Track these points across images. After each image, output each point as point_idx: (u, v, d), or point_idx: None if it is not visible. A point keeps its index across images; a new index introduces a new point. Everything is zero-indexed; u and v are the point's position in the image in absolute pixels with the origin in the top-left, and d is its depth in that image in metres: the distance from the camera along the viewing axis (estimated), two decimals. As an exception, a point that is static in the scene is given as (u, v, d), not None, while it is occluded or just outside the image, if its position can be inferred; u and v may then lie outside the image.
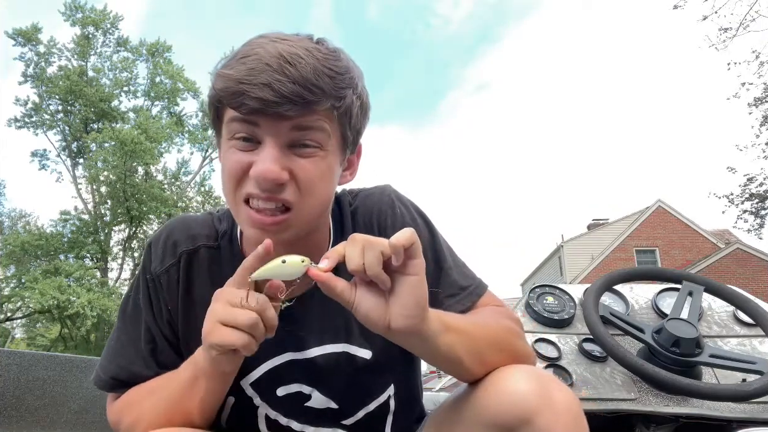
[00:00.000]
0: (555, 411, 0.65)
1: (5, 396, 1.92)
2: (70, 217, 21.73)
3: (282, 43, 0.69)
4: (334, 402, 0.85)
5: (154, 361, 0.82)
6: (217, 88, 0.69)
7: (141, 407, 0.78)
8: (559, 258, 23.10)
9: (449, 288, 0.84)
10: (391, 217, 0.87)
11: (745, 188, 14.75)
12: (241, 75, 0.66)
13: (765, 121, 14.08)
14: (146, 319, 0.83)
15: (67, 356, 2.31)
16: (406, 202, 0.91)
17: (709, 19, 12.22)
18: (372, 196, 0.90)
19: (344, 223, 0.87)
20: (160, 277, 0.83)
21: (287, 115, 0.67)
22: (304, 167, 0.71)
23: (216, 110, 0.74)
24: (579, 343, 1.24)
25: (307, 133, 0.70)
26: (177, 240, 0.85)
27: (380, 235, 0.83)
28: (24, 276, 19.57)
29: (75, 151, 22.54)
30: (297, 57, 0.67)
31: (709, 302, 1.36)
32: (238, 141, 0.71)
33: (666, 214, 20.41)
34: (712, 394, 1.02)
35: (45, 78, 21.29)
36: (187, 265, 0.84)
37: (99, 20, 22.05)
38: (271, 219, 0.71)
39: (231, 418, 0.86)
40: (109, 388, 0.84)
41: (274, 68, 0.66)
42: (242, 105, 0.67)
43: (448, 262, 0.86)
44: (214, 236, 0.86)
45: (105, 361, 0.84)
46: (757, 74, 14.53)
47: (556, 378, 0.72)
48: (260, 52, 0.68)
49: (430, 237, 0.87)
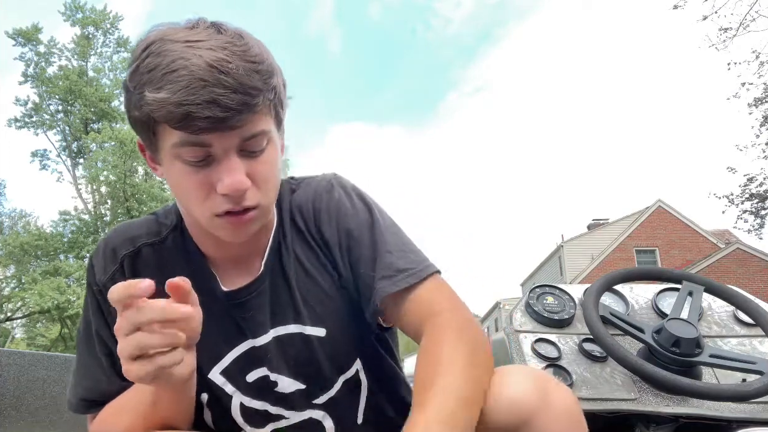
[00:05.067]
0: (553, 411, 0.65)
1: (5, 396, 1.92)
2: (70, 217, 21.72)
3: (199, 48, 0.66)
4: (300, 382, 0.85)
5: (114, 373, 0.81)
6: (153, 111, 0.65)
7: (115, 425, 0.78)
8: (559, 258, 23.09)
9: (385, 270, 0.81)
10: (326, 201, 0.87)
11: (745, 188, 14.76)
12: (179, 97, 0.63)
13: (765, 121, 14.08)
14: (100, 332, 0.82)
15: (67, 356, 2.31)
16: (347, 186, 0.91)
17: (709, 19, 12.25)
18: (312, 182, 0.91)
19: (283, 206, 0.88)
20: (107, 286, 0.80)
21: (237, 125, 0.67)
22: (259, 168, 0.72)
23: (148, 130, 0.71)
24: (579, 343, 1.24)
25: (257, 137, 0.71)
26: (115, 246, 0.85)
27: (314, 218, 0.87)
28: (24, 276, 19.57)
29: (75, 151, 22.53)
30: (226, 63, 0.65)
31: (709, 302, 1.36)
32: (189, 160, 0.69)
33: (666, 214, 20.41)
34: (712, 394, 1.02)
35: (45, 78, 21.27)
36: (131, 267, 0.84)
37: (99, 20, 22.03)
38: (246, 217, 0.72)
39: (208, 414, 0.86)
40: (82, 410, 0.84)
41: (211, 82, 0.64)
42: (190, 126, 0.65)
43: (387, 246, 0.83)
44: (156, 232, 0.86)
45: (72, 385, 0.84)
46: (757, 74, 14.53)
47: (554, 378, 0.72)
48: (185, 64, 0.64)
49: (369, 219, 0.86)
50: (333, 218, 0.86)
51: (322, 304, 0.85)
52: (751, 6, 12.03)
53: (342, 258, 0.85)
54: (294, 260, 0.86)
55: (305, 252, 0.87)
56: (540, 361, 1.18)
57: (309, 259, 0.86)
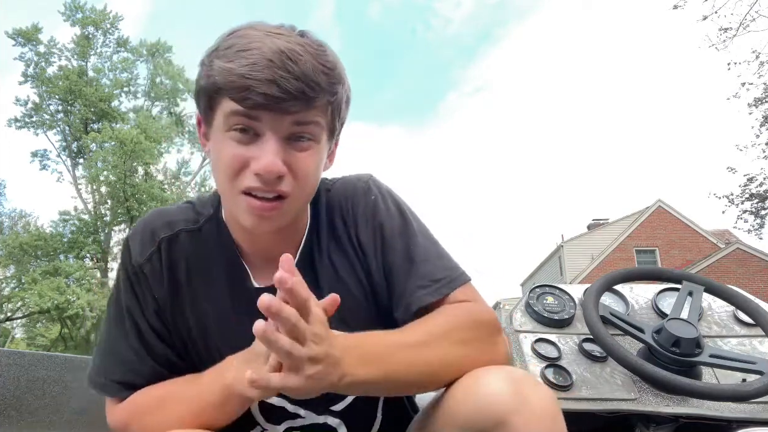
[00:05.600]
0: (531, 410, 0.64)
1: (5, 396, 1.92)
2: (69, 218, 21.73)
3: (278, 38, 0.70)
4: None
5: (146, 352, 0.82)
6: (217, 79, 0.70)
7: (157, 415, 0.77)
8: (559, 258, 23.09)
9: (420, 279, 0.82)
10: (363, 204, 0.88)
11: (745, 188, 14.76)
12: (245, 69, 0.67)
13: (765, 121, 14.08)
14: (133, 313, 0.83)
15: (67, 356, 2.31)
16: (384, 190, 0.91)
17: (709, 19, 12.25)
18: (349, 182, 0.92)
19: (319, 207, 0.89)
20: (142, 267, 0.83)
21: (290, 110, 0.69)
22: (302, 160, 0.74)
23: (209, 99, 0.74)
24: (579, 343, 1.24)
25: (305, 127, 0.73)
26: (154, 228, 0.85)
27: (352, 220, 0.87)
28: (23, 276, 19.57)
29: (75, 151, 22.54)
30: (296, 53, 0.69)
31: (709, 302, 1.36)
32: (236, 133, 0.72)
33: (666, 214, 20.41)
34: (712, 394, 1.02)
35: (45, 78, 21.29)
36: (168, 250, 0.84)
37: (99, 20, 22.06)
38: (270, 205, 0.73)
39: None
40: (112, 392, 0.83)
41: (277, 64, 0.67)
42: (246, 99, 0.68)
43: (421, 254, 0.85)
44: (194, 220, 0.87)
45: (98, 365, 0.83)
46: (757, 74, 14.50)
47: (532, 377, 0.71)
48: (260, 46, 0.69)
49: (403, 226, 0.87)
50: (369, 223, 0.87)
51: (350, 311, 0.83)
52: (751, 6, 12.04)
53: (376, 263, 0.86)
54: (327, 263, 0.86)
55: (339, 257, 0.87)
56: (540, 361, 1.18)
57: (342, 263, 0.86)
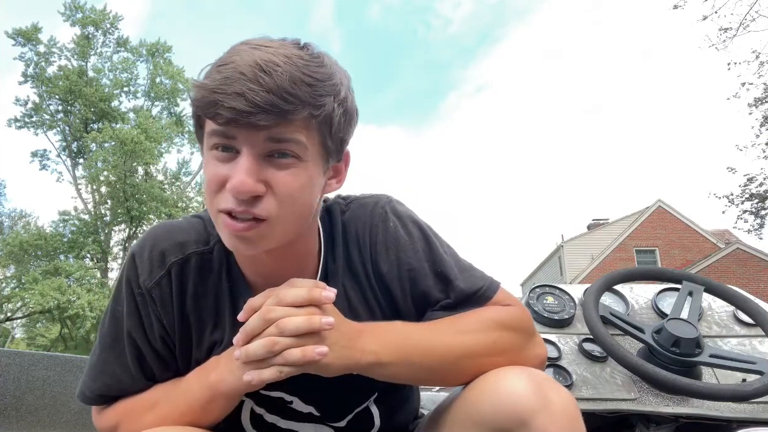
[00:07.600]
0: (551, 412, 0.65)
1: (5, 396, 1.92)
2: (70, 218, 21.72)
3: (261, 50, 0.67)
4: (316, 410, 0.85)
5: (141, 375, 0.81)
6: (193, 98, 0.68)
7: (145, 417, 0.77)
8: (559, 258, 23.09)
9: (458, 297, 0.82)
10: (383, 232, 0.85)
11: (745, 188, 14.74)
12: (216, 84, 0.65)
13: (765, 121, 14.08)
14: (133, 333, 0.80)
15: (67, 356, 2.31)
16: (402, 213, 0.88)
17: (709, 19, 12.23)
18: (365, 207, 0.87)
19: (334, 232, 0.86)
20: (151, 291, 0.79)
21: (261, 125, 0.65)
22: (282, 178, 0.69)
23: (197, 120, 0.73)
24: (579, 343, 1.24)
25: (284, 144, 0.68)
26: (164, 249, 0.81)
27: (370, 251, 0.86)
28: (24, 276, 19.57)
29: (75, 151, 22.52)
30: (273, 65, 0.65)
31: (709, 302, 1.36)
32: (217, 151, 0.69)
33: (666, 214, 20.41)
34: (712, 394, 1.02)
35: (45, 78, 21.27)
36: (179, 275, 0.80)
37: (99, 20, 22.03)
38: (242, 226, 0.68)
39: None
40: (97, 403, 0.83)
41: (248, 77, 0.64)
42: (216, 115, 0.65)
43: (453, 273, 0.83)
44: (204, 240, 0.83)
45: (89, 379, 0.82)
46: (757, 74, 14.48)
47: (553, 379, 0.72)
48: (237, 60, 0.66)
49: (428, 249, 0.85)
50: (391, 252, 0.84)
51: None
52: (751, 6, 12.03)
53: (402, 291, 0.84)
54: (341, 294, 0.82)
55: (353, 286, 0.84)
56: (540, 361, 1.18)
57: (356, 293, 0.84)
